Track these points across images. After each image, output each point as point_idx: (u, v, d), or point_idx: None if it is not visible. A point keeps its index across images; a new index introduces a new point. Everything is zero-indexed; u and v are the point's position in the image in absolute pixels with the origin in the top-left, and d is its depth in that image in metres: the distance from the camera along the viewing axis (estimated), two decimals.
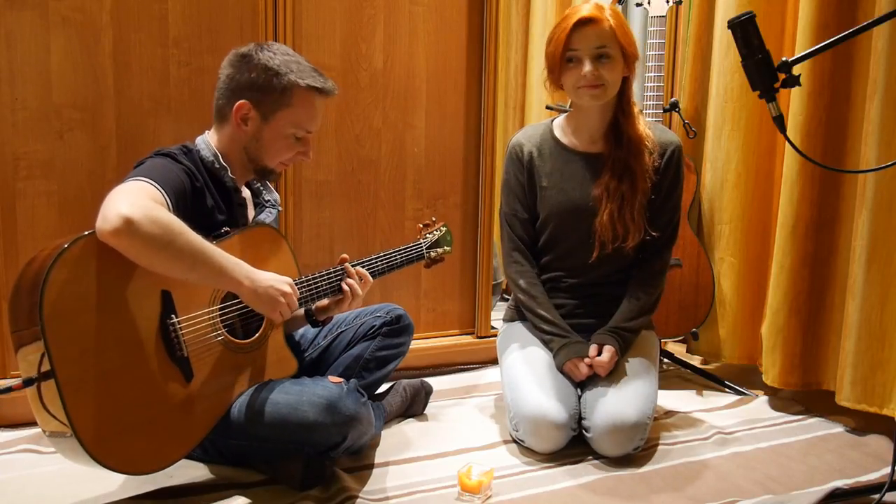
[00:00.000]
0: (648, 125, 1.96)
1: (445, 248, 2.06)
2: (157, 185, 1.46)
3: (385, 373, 1.95)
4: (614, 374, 1.88)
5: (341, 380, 1.67)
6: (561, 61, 1.85)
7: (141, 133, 2.02)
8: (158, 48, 2.01)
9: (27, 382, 1.34)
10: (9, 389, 1.35)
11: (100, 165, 1.98)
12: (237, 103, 1.63)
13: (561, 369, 1.91)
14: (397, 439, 1.91)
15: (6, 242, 1.92)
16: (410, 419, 2.05)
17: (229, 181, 1.66)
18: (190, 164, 1.60)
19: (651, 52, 2.45)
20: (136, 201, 1.36)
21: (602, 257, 1.94)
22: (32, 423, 1.87)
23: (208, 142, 1.67)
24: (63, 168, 1.95)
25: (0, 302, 1.92)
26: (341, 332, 1.96)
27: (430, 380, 2.20)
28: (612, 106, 1.92)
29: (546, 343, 1.97)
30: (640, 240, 1.93)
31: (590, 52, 1.82)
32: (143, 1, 1.98)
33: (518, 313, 2.10)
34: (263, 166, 1.68)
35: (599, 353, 1.89)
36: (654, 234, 1.94)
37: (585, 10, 1.83)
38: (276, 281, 1.55)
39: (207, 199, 1.61)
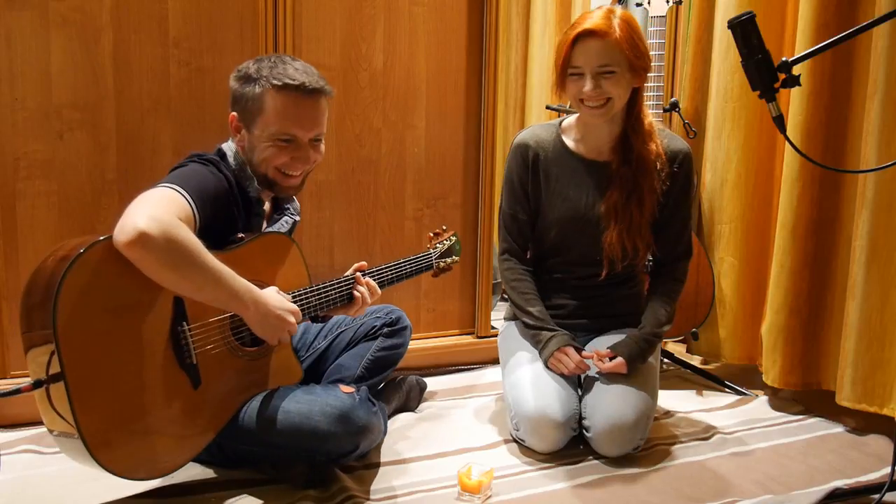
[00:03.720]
0: (660, 133, 1.92)
1: (454, 257, 2.06)
2: (187, 195, 1.45)
3: (386, 374, 1.96)
4: (615, 375, 1.88)
5: (353, 389, 1.67)
6: (563, 73, 1.81)
7: (141, 133, 2.02)
8: (158, 48, 2.01)
9: (37, 384, 1.34)
10: (18, 391, 1.35)
11: (100, 165, 1.98)
12: (230, 116, 1.66)
13: (547, 365, 1.89)
14: (397, 439, 1.91)
15: (6, 242, 1.92)
16: (411, 418, 2.05)
17: (254, 191, 1.66)
18: (228, 174, 1.60)
19: (651, 52, 2.45)
20: (156, 214, 1.35)
21: (613, 273, 1.93)
22: (33, 424, 1.88)
23: (236, 150, 1.67)
24: (63, 168, 1.95)
25: (0, 302, 1.92)
26: (341, 333, 1.96)
27: (430, 380, 2.20)
28: (621, 118, 1.88)
29: (533, 338, 1.96)
30: (648, 253, 1.92)
31: (591, 70, 1.77)
32: (143, 1, 1.98)
33: None
34: (263, 175, 1.66)
35: (611, 358, 1.87)
36: (664, 245, 1.95)
37: (591, 21, 1.76)
38: (283, 311, 1.55)
39: (234, 210, 1.61)
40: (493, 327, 2.57)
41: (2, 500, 1.57)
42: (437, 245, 2.02)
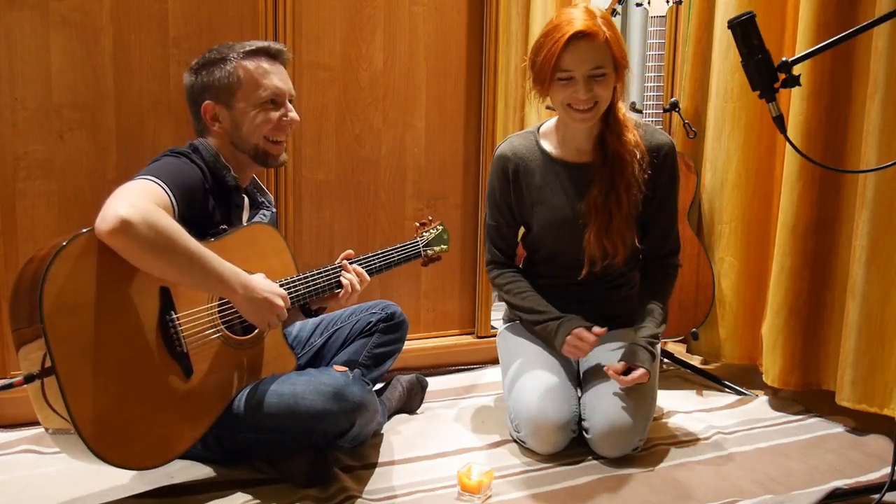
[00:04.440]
0: (638, 127, 1.89)
1: (443, 246, 2.06)
2: (164, 184, 1.47)
3: (384, 369, 1.96)
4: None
5: (346, 368, 1.69)
6: (551, 77, 1.75)
7: (141, 133, 2.02)
8: (158, 48, 2.01)
9: (28, 379, 1.34)
10: (10, 385, 1.36)
11: (100, 165, 1.98)
12: (202, 108, 1.68)
13: (562, 351, 1.87)
14: (397, 439, 1.91)
15: (6, 242, 1.92)
16: (411, 418, 2.06)
17: (231, 180, 1.68)
18: (202, 164, 1.63)
19: (651, 52, 2.45)
20: (136, 202, 1.37)
21: (593, 272, 1.91)
22: (33, 424, 1.88)
23: (207, 144, 1.69)
24: (63, 168, 1.95)
25: (0, 302, 1.92)
26: (337, 329, 1.96)
27: (430, 380, 2.20)
28: (600, 118, 1.85)
29: (542, 332, 1.94)
30: (629, 252, 1.90)
31: (584, 74, 1.73)
32: (143, 1, 1.98)
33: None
34: (255, 147, 1.69)
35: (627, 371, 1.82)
36: (653, 242, 1.93)
37: (580, 22, 1.70)
38: (271, 294, 1.56)
39: (210, 201, 1.62)
40: (493, 327, 2.57)
41: (2, 500, 1.57)
42: (424, 234, 2.03)
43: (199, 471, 1.68)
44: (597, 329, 1.85)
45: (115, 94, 1.98)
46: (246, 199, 1.77)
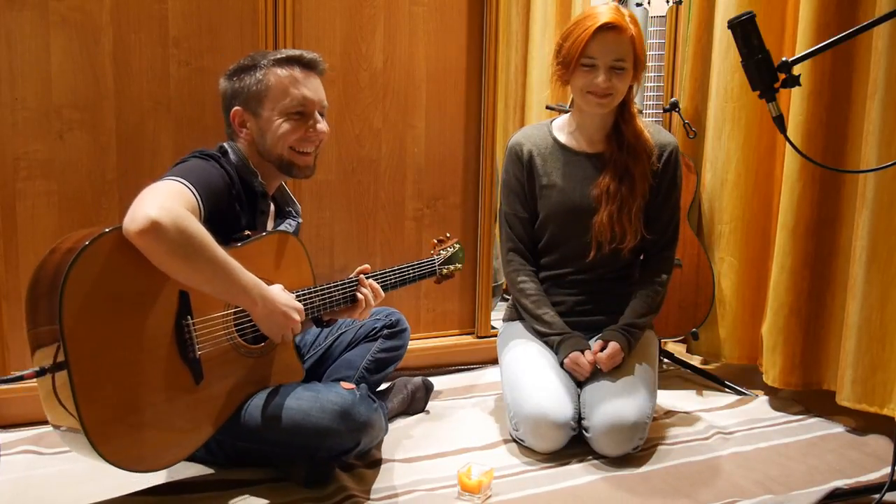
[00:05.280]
0: (646, 126, 1.97)
1: (458, 265, 2.07)
2: (193, 188, 1.46)
3: (385, 374, 1.98)
4: (614, 374, 1.88)
5: (353, 386, 1.67)
6: (576, 63, 1.85)
7: (141, 133, 2.02)
8: (158, 48, 2.01)
9: (39, 373, 1.33)
10: (20, 378, 1.34)
11: (100, 165, 1.98)
12: (231, 113, 1.68)
13: (563, 366, 1.92)
14: (398, 438, 1.91)
15: (6, 242, 1.92)
16: (411, 418, 2.06)
17: (258, 186, 1.67)
18: (229, 169, 1.61)
19: (651, 52, 2.44)
20: (166, 204, 1.36)
21: (600, 257, 1.95)
22: (33, 424, 1.88)
23: (236, 147, 1.68)
24: (63, 168, 1.95)
25: (0, 301, 1.92)
26: (341, 334, 1.97)
27: (430, 380, 2.20)
28: (614, 110, 1.93)
29: (541, 339, 1.98)
30: (636, 242, 1.94)
31: (606, 63, 1.83)
32: (143, 1, 1.98)
33: (518, 313, 2.10)
34: (279, 157, 1.67)
35: (603, 349, 1.90)
36: (652, 235, 1.97)
37: (609, 16, 1.82)
38: (289, 308, 1.56)
39: (236, 206, 1.61)
40: (493, 327, 2.57)
41: (2, 500, 1.57)
42: (441, 252, 2.03)
43: (198, 469, 1.68)
44: (589, 356, 1.90)
45: (115, 94, 1.98)
46: (272, 206, 1.76)
